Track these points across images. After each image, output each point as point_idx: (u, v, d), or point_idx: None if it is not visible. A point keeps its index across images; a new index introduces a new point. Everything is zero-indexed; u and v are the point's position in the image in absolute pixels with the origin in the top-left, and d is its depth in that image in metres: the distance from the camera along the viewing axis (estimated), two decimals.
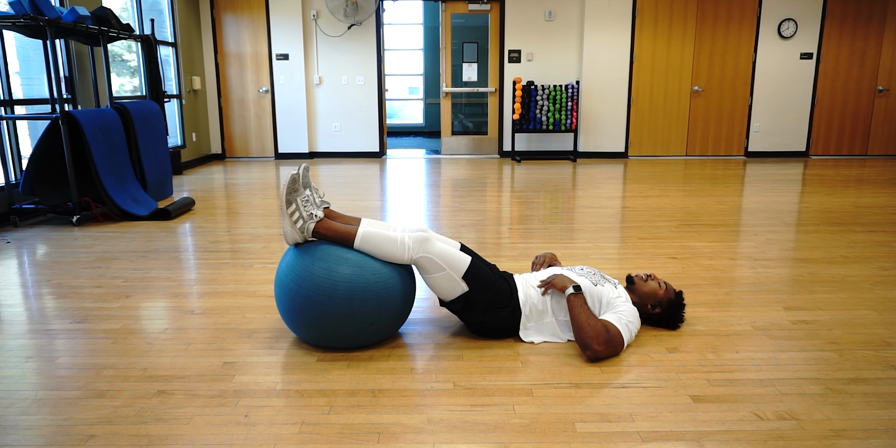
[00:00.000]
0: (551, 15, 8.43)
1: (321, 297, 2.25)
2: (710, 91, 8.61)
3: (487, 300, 2.42)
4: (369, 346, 2.44)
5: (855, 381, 2.15)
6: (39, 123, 5.28)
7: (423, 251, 2.35)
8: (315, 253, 2.31)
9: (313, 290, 2.26)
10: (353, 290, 2.26)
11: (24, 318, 2.78)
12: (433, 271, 2.37)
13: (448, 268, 2.37)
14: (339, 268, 2.27)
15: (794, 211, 5.06)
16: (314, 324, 2.31)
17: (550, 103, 8.26)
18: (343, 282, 2.25)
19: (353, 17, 8.22)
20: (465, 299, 2.41)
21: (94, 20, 5.11)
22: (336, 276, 2.26)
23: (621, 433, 1.83)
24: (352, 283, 2.26)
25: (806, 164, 8.06)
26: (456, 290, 2.40)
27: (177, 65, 7.66)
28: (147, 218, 4.81)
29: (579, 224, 4.60)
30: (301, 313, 2.31)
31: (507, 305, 2.46)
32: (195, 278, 3.36)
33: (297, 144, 8.70)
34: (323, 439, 1.81)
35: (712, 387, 2.11)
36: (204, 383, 2.15)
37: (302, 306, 2.29)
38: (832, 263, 3.57)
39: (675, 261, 3.63)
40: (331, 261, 2.28)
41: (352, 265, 2.29)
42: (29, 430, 1.86)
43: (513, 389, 2.09)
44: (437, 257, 2.36)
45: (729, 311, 2.81)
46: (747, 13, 8.39)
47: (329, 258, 2.29)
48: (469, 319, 2.48)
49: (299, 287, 2.28)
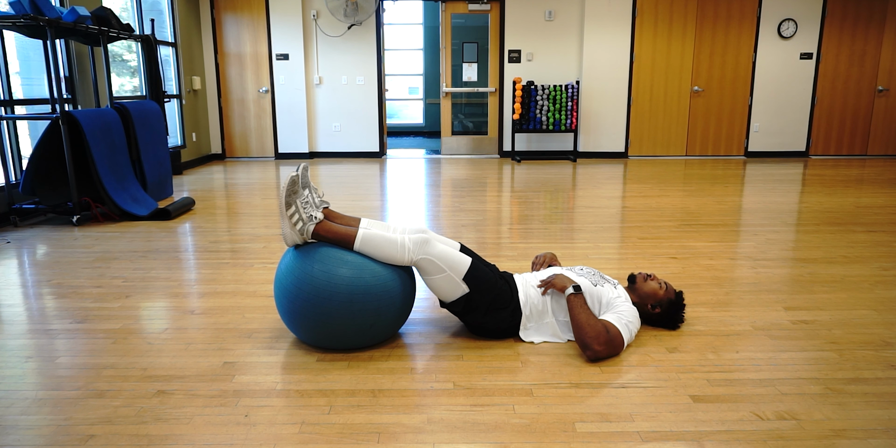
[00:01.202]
0: (551, 15, 8.44)
1: (321, 300, 2.25)
2: (710, 91, 8.61)
3: (488, 301, 2.42)
4: (369, 347, 2.44)
5: (855, 381, 2.15)
6: (39, 123, 5.28)
7: (424, 253, 2.34)
8: (314, 255, 2.31)
9: (313, 293, 2.25)
10: (353, 292, 2.25)
11: (24, 318, 2.78)
12: (433, 273, 2.36)
13: (448, 269, 2.36)
14: (338, 270, 2.26)
15: (794, 211, 5.06)
16: (314, 325, 2.31)
17: (550, 103, 8.26)
18: (343, 284, 2.25)
19: (353, 17, 8.22)
20: (466, 301, 2.40)
21: (94, 20, 5.11)
22: (336, 278, 2.25)
23: (621, 433, 1.83)
24: (351, 285, 2.26)
25: (806, 164, 8.06)
26: (456, 291, 2.39)
27: (177, 65, 7.66)
28: (147, 218, 4.81)
29: (579, 224, 4.60)
30: (300, 315, 2.30)
31: (508, 306, 2.45)
32: (195, 278, 3.36)
33: (297, 144, 8.70)
34: (323, 439, 1.81)
35: (712, 387, 2.11)
36: (204, 383, 2.15)
37: (301, 308, 2.28)
38: (832, 263, 3.57)
39: (675, 261, 3.63)
40: (330, 263, 2.28)
41: (351, 267, 2.28)
42: (29, 430, 1.86)
43: (513, 389, 2.09)
44: (437, 259, 2.35)
45: (729, 311, 2.81)
46: (747, 13, 8.39)
47: (328, 260, 2.28)
48: (470, 320, 2.48)
49: (298, 289, 2.28)
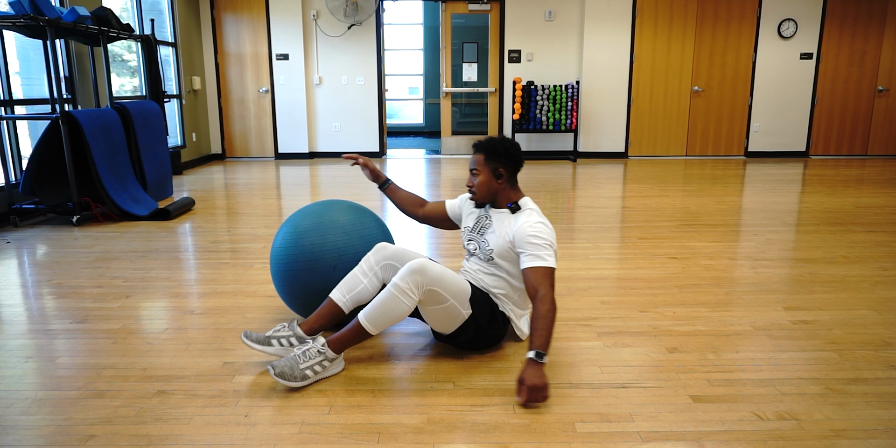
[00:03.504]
0: (551, 15, 8.43)
1: (289, 253, 2.48)
2: (710, 91, 8.61)
3: (488, 315, 2.28)
4: (370, 347, 2.43)
5: (855, 381, 2.15)
6: (39, 123, 5.28)
7: (427, 284, 2.10)
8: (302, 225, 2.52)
9: (284, 253, 2.50)
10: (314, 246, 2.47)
11: (24, 318, 2.78)
12: (434, 304, 2.15)
13: (452, 297, 2.15)
14: (305, 239, 2.48)
15: (794, 211, 5.06)
16: (290, 281, 2.49)
17: (550, 103, 8.26)
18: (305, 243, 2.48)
19: (353, 17, 8.22)
20: (473, 324, 2.22)
21: (94, 20, 5.11)
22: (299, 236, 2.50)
23: (621, 433, 1.83)
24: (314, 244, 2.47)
25: (806, 164, 8.06)
26: (458, 318, 2.20)
27: (177, 65, 7.66)
28: (147, 218, 4.81)
29: (579, 224, 4.60)
30: (278, 275, 2.52)
31: (494, 308, 2.33)
32: (195, 278, 3.36)
33: (297, 144, 8.70)
34: (323, 439, 1.81)
35: (712, 387, 2.11)
36: (204, 383, 2.15)
37: (277, 267, 2.51)
38: (832, 263, 3.56)
39: (675, 261, 3.63)
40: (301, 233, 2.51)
41: (317, 234, 2.47)
42: (29, 430, 1.86)
43: (513, 389, 2.09)
44: (440, 288, 2.12)
45: (729, 311, 2.81)
46: (747, 13, 8.39)
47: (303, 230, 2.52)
48: (466, 338, 2.30)
49: (277, 252, 2.53)
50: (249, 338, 2.22)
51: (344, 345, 2.15)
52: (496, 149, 2.31)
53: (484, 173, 2.32)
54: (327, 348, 2.13)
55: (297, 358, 2.09)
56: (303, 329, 2.27)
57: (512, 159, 2.32)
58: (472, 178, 2.35)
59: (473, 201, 2.40)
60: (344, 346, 2.15)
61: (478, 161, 2.32)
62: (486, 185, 2.32)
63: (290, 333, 2.26)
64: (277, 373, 2.04)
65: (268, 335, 2.25)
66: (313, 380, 2.11)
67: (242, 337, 2.21)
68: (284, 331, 2.28)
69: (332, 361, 2.15)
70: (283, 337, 2.25)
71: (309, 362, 2.10)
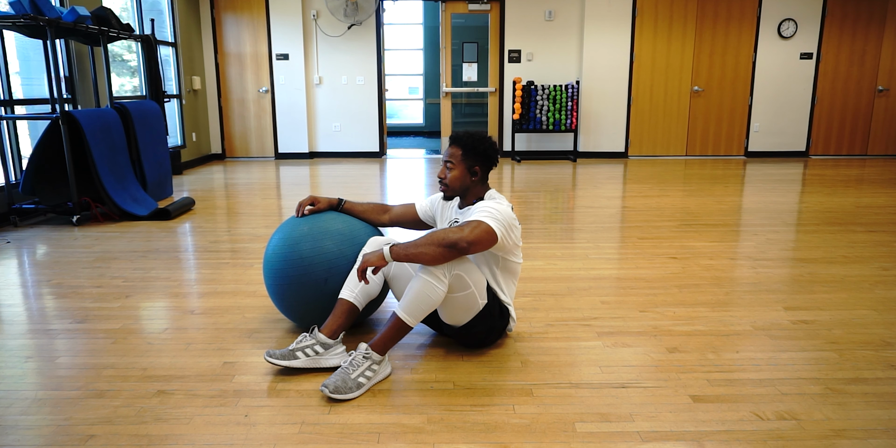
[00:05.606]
0: (551, 15, 8.43)
1: (278, 263, 2.41)
2: (710, 91, 8.61)
3: (497, 305, 2.30)
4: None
5: (855, 381, 2.15)
6: (39, 123, 5.28)
7: (454, 268, 2.11)
8: (297, 233, 2.45)
9: (280, 260, 2.43)
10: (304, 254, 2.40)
11: (24, 318, 2.78)
12: (458, 290, 2.14)
13: (474, 286, 2.15)
14: (299, 246, 2.42)
15: (794, 211, 5.06)
16: (284, 292, 2.43)
17: (550, 103, 8.26)
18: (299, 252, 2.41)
19: (353, 17, 8.22)
20: (487, 312, 2.23)
21: (94, 20, 5.11)
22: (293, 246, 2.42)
23: (621, 433, 1.83)
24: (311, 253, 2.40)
25: (806, 164, 8.06)
26: (473, 308, 2.21)
27: (177, 65, 7.66)
28: (147, 218, 4.81)
29: (579, 224, 4.60)
30: (271, 287, 2.46)
31: (501, 306, 2.36)
32: (195, 278, 3.36)
33: (297, 144, 8.70)
34: (323, 439, 1.81)
35: (712, 387, 2.11)
36: (204, 383, 2.15)
37: (271, 278, 2.45)
38: (832, 263, 3.56)
39: (675, 261, 3.63)
40: (292, 241, 2.44)
41: (311, 241, 2.40)
42: (29, 430, 1.86)
43: (513, 389, 2.09)
44: (464, 272, 2.11)
45: (729, 311, 2.81)
46: (747, 13, 8.39)
47: (311, 234, 2.44)
48: (475, 332, 2.32)
49: (269, 260, 2.47)
50: (273, 356, 2.18)
51: (387, 344, 2.13)
52: (475, 148, 2.30)
53: (459, 169, 2.31)
54: (371, 352, 2.11)
55: (345, 370, 2.07)
56: (325, 333, 2.25)
57: (488, 159, 2.33)
58: (446, 171, 2.33)
59: (444, 194, 2.39)
60: (387, 346, 2.14)
61: (454, 155, 2.31)
62: (459, 180, 2.32)
63: (314, 342, 2.23)
64: (332, 390, 2.01)
65: (291, 348, 2.21)
66: (368, 386, 2.09)
67: (266, 357, 2.17)
68: (307, 340, 2.24)
69: (379, 364, 2.13)
70: (307, 347, 2.22)
71: (359, 370, 2.07)
